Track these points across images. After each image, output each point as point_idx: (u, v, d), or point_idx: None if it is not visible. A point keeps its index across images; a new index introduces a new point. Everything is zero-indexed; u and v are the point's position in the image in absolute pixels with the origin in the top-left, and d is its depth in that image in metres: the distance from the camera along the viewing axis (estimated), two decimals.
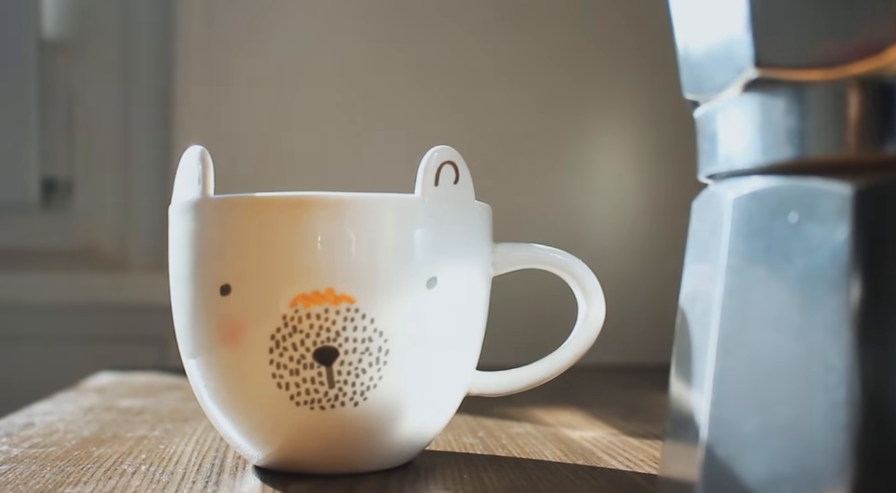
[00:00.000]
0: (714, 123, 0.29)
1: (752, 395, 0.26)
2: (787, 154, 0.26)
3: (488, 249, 0.36)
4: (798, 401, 0.25)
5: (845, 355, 0.24)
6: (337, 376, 0.32)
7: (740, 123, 0.27)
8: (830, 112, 0.25)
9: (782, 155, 0.26)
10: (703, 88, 0.29)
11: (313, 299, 0.31)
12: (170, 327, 0.35)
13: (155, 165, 0.87)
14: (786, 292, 0.26)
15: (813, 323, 0.25)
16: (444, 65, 0.84)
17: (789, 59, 0.26)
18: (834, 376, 0.24)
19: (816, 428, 0.24)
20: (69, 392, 0.56)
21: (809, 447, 0.24)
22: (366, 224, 0.32)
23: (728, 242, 0.27)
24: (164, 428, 0.44)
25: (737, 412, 0.26)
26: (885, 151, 0.24)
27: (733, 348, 0.27)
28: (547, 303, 0.67)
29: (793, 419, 0.25)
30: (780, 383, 0.25)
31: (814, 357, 0.25)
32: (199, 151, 0.34)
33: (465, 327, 0.35)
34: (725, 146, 0.28)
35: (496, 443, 0.41)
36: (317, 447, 0.33)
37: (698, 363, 0.28)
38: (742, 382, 0.26)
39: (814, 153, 0.25)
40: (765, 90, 0.26)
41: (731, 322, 0.27)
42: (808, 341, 0.25)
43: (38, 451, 0.38)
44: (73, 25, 0.88)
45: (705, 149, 0.30)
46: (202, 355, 0.34)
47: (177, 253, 0.34)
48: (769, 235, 0.26)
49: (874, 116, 0.25)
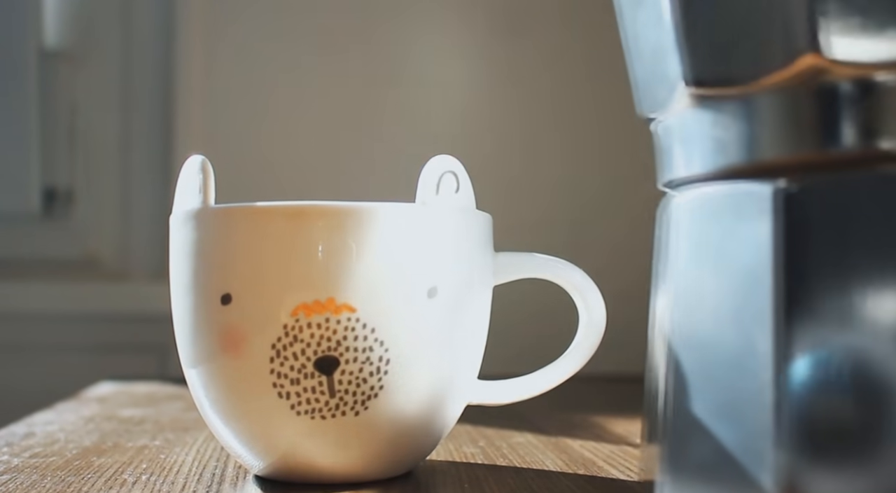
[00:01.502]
0: (664, 136, 0.32)
1: (701, 384, 0.29)
2: (720, 162, 0.29)
3: (489, 258, 0.36)
4: (736, 386, 0.27)
5: (770, 340, 0.26)
6: (338, 386, 0.32)
7: (685, 134, 0.30)
8: (764, 120, 0.28)
9: (720, 163, 0.29)
10: (649, 105, 0.32)
11: (314, 308, 0.31)
12: (171, 336, 0.35)
13: (156, 175, 0.87)
14: (723, 289, 0.28)
15: (744, 314, 0.27)
16: (445, 72, 0.84)
17: (714, 77, 0.28)
18: (761, 360, 0.27)
19: (751, 410, 0.27)
20: (70, 402, 0.56)
21: (747, 428, 0.27)
22: (366, 234, 0.32)
23: (675, 244, 0.30)
24: (164, 438, 0.44)
25: (689, 403, 0.29)
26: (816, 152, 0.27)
27: (684, 343, 0.30)
28: (548, 313, 0.67)
29: (732, 402, 0.27)
30: (721, 372, 0.28)
31: (746, 345, 0.27)
32: (199, 160, 0.34)
33: (465, 337, 0.35)
34: (676, 157, 0.31)
35: (497, 453, 0.41)
36: (318, 456, 0.33)
37: (658, 360, 0.31)
38: (693, 374, 0.29)
39: (747, 159, 0.28)
40: (701, 105, 0.29)
41: (682, 318, 0.30)
42: (742, 332, 0.27)
43: (39, 461, 0.38)
44: (75, 35, 0.88)
45: (660, 160, 0.32)
46: (203, 365, 0.34)
47: (177, 262, 0.34)
48: (708, 236, 0.29)
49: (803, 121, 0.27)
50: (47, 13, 0.88)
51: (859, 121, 0.26)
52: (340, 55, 0.84)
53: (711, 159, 0.29)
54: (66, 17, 0.88)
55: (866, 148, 0.26)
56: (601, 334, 0.37)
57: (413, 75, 0.84)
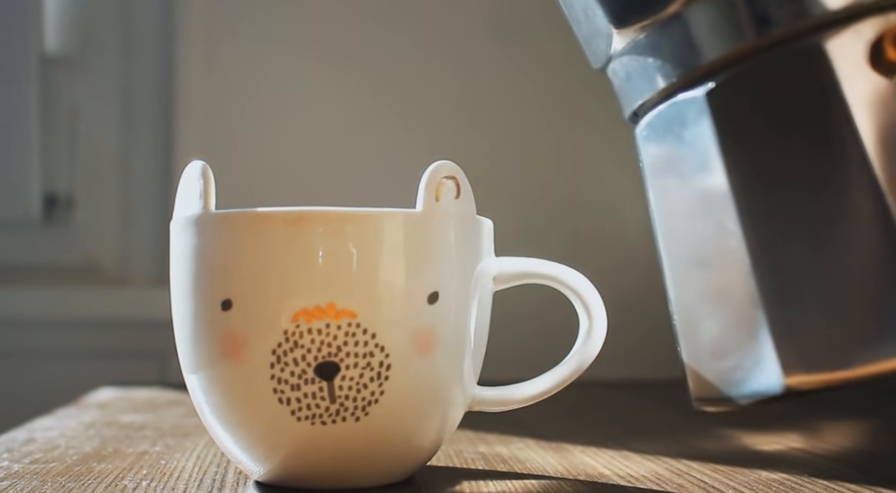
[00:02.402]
0: (615, 78, 0.36)
1: (693, 275, 0.34)
2: (662, 84, 0.33)
3: (490, 263, 0.36)
4: (719, 265, 0.32)
5: (736, 219, 0.31)
6: (338, 391, 0.32)
7: (629, 71, 0.35)
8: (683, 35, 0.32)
9: (662, 84, 0.33)
10: (597, 58, 0.37)
11: (314, 314, 0.31)
12: (171, 342, 0.35)
13: (156, 181, 0.87)
14: (688, 189, 0.33)
15: (710, 204, 0.32)
16: (445, 78, 0.84)
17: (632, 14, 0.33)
18: (733, 236, 0.31)
19: (737, 281, 0.31)
20: (70, 408, 0.56)
21: (738, 297, 0.31)
22: (367, 239, 0.32)
23: (646, 167, 0.35)
24: (165, 444, 0.44)
25: (689, 294, 0.34)
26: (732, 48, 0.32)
27: (672, 247, 0.34)
28: (548, 318, 0.67)
29: (721, 280, 0.32)
30: (707, 257, 0.33)
31: (719, 229, 0.32)
32: (200, 166, 0.34)
33: (466, 342, 0.35)
34: (628, 93, 0.36)
35: (497, 458, 0.41)
36: (318, 462, 0.33)
37: (664, 273, 0.36)
38: (686, 269, 0.34)
39: (682, 73, 0.33)
40: (634, 42, 0.34)
41: (664, 226, 0.34)
42: (712, 218, 0.32)
43: (40, 466, 0.38)
44: (75, 41, 0.88)
45: (620, 100, 0.37)
46: (203, 371, 0.34)
47: (178, 268, 0.34)
48: (666, 149, 0.34)
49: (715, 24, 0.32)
50: (48, 18, 0.88)
51: (756, 12, 0.31)
52: (341, 60, 0.84)
53: (653, 84, 0.34)
54: (66, 22, 0.88)
55: (770, 35, 0.31)
56: (602, 340, 0.37)
57: (414, 80, 0.84)
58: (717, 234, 0.32)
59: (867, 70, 0.30)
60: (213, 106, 0.84)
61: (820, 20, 0.30)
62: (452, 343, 0.34)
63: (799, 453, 0.42)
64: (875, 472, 0.38)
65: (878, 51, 0.30)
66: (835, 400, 0.60)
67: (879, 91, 0.30)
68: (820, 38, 0.30)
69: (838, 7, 0.30)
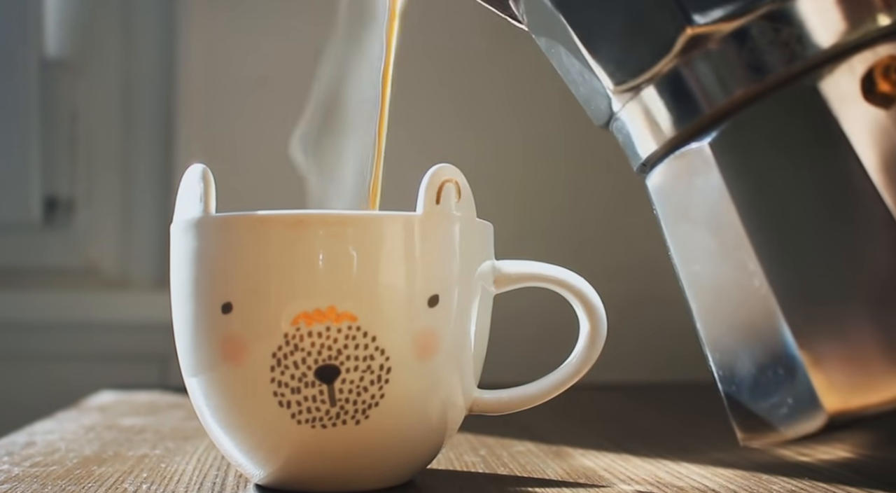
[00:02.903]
0: (619, 134, 0.38)
1: (721, 317, 0.35)
2: (666, 136, 0.35)
3: (490, 266, 0.36)
4: (744, 305, 0.33)
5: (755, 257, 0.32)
6: (338, 395, 0.32)
7: (632, 127, 0.36)
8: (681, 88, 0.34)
9: (665, 137, 0.35)
10: (598, 116, 0.38)
11: (315, 317, 0.31)
12: (171, 345, 0.35)
13: (156, 184, 0.87)
14: (704, 235, 0.34)
15: (728, 247, 0.33)
16: (445, 81, 0.84)
17: (627, 74, 0.34)
18: (755, 276, 0.32)
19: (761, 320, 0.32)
20: (70, 411, 0.56)
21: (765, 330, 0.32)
22: (367, 242, 0.32)
23: (661, 216, 0.36)
24: (165, 447, 0.44)
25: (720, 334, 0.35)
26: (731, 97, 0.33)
27: (697, 291, 0.35)
28: (549, 321, 0.67)
29: (746, 320, 0.33)
30: (732, 299, 0.33)
31: (739, 268, 0.33)
32: (200, 169, 0.34)
33: (466, 346, 0.35)
34: (633, 146, 0.37)
35: (498, 462, 0.41)
36: (318, 465, 0.33)
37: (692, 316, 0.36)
38: (712, 311, 0.35)
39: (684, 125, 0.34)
40: (632, 99, 0.35)
41: (686, 273, 0.36)
42: (732, 260, 0.33)
43: (40, 470, 0.38)
44: (76, 44, 0.88)
45: (626, 153, 0.38)
46: (203, 374, 0.34)
47: (178, 271, 0.34)
48: (678, 198, 0.35)
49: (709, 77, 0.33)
50: (48, 22, 0.88)
51: (750, 61, 0.32)
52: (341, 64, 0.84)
53: (658, 137, 0.35)
54: (66, 25, 0.88)
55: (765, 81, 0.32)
56: (602, 343, 0.37)
57: (414, 82, 0.84)
58: (740, 275, 0.33)
59: (863, 103, 0.31)
60: (213, 109, 0.84)
61: (812, 61, 0.32)
62: (453, 346, 0.34)
63: (799, 456, 0.42)
64: (876, 477, 0.38)
65: (870, 83, 0.31)
66: None
67: (878, 121, 0.31)
68: (814, 78, 0.32)
69: (828, 46, 0.31)
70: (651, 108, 0.35)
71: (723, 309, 0.34)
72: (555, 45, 0.37)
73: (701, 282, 0.35)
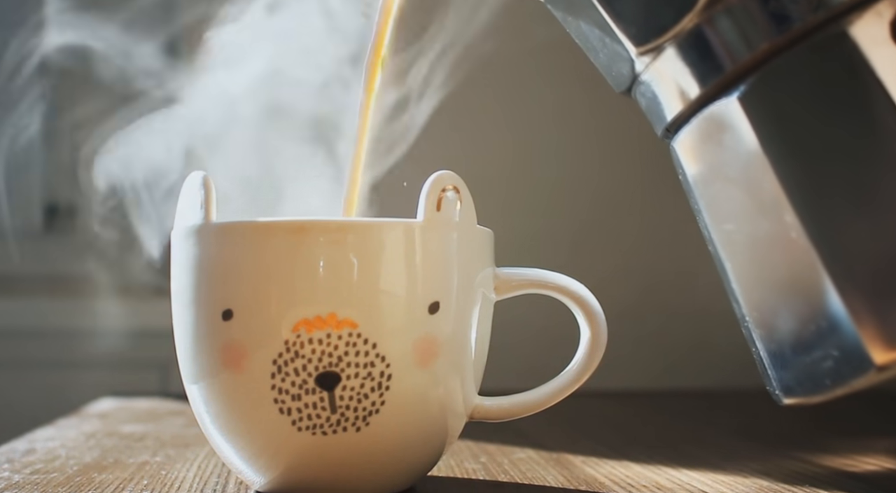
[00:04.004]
0: (642, 98, 0.37)
1: (761, 275, 0.34)
2: (692, 95, 0.34)
3: (490, 273, 0.36)
4: (782, 260, 0.32)
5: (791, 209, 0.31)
6: (339, 402, 0.32)
7: (655, 88, 0.36)
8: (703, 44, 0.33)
9: (691, 96, 0.34)
10: (620, 81, 0.37)
11: (315, 324, 0.31)
12: (172, 352, 0.35)
13: None
14: (739, 193, 0.33)
15: (763, 201, 0.32)
16: None
17: (649, 34, 0.34)
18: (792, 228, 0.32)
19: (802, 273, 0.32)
20: (71, 418, 0.56)
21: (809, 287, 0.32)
22: (368, 249, 0.32)
23: (690, 178, 0.35)
24: (165, 454, 0.44)
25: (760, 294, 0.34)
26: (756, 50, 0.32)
27: (732, 252, 0.35)
28: (549, 328, 0.67)
29: (785, 275, 0.33)
30: (769, 255, 0.33)
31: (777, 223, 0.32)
32: (201, 176, 0.34)
33: (467, 352, 0.35)
34: (657, 109, 0.36)
35: (498, 469, 0.41)
36: (319, 472, 0.33)
37: (728, 283, 0.35)
38: (752, 272, 0.34)
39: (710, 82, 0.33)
40: (655, 61, 0.35)
41: (720, 230, 0.35)
42: (769, 215, 0.32)
43: (40, 477, 0.38)
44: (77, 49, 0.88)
45: (650, 118, 0.37)
46: (204, 381, 0.34)
47: (179, 278, 0.34)
48: (709, 157, 0.34)
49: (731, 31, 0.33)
50: None
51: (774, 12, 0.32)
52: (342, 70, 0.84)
53: (684, 97, 0.34)
54: None
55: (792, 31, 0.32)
56: (603, 350, 0.37)
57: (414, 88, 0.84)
58: (777, 229, 0.32)
59: (893, 46, 0.31)
60: None
61: (838, 10, 0.31)
62: (453, 353, 0.34)
63: (800, 463, 0.42)
64: (877, 484, 0.38)
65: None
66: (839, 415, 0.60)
67: None
68: (842, 25, 0.31)
69: None
70: (675, 68, 0.34)
71: (760, 266, 0.34)
72: (573, 12, 0.37)
73: (736, 241, 0.34)
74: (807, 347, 0.33)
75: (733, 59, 0.33)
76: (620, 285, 0.81)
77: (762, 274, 0.34)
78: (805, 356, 0.33)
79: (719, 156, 0.34)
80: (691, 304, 0.80)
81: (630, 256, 0.83)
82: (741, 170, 0.33)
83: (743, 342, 0.36)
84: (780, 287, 0.33)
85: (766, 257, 0.33)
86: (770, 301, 0.34)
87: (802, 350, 0.33)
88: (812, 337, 0.32)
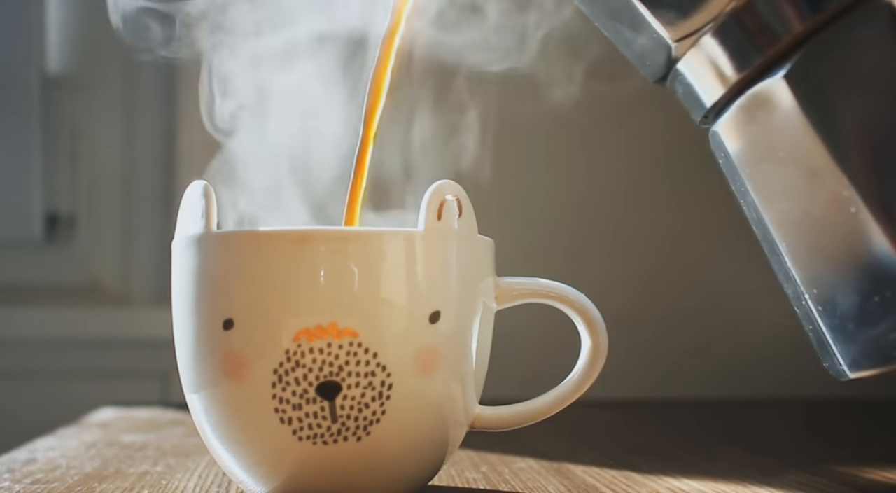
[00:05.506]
0: (679, 85, 0.37)
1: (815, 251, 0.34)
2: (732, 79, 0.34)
3: (491, 283, 0.36)
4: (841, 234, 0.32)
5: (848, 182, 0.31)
6: (340, 411, 0.32)
7: (694, 73, 0.35)
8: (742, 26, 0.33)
9: (731, 80, 0.34)
10: (656, 70, 0.37)
11: (316, 333, 0.31)
12: (172, 361, 0.35)
13: (158, 200, 0.87)
14: (788, 172, 0.33)
15: (817, 178, 0.32)
16: None
17: (686, 19, 0.34)
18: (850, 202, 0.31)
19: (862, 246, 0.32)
20: (71, 428, 0.56)
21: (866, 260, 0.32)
22: (369, 259, 0.32)
23: (736, 160, 0.35)
24: (166, 463, 0.44)
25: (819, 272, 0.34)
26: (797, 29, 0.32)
27: (785, 228, 0.34)
28: (550, 337, 0.67)
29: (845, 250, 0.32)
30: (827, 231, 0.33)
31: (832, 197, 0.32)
32: (202, 185, 0.34)
33: (468, 362, 0.35)
34: (696, 95, 0.36)
35: (499, 478, 0.41)
36: (320, 481, 0.33)
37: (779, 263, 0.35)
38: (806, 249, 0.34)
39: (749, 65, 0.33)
40: (693, 47, 0.35)
41: (772, 210, 0.34)
42: (822, 190, 0.32)
43: (41, 487, 0.38)
44: (77, 62, 0.88)
45: (688, 105, 0.37)
46: (205, 390, 0.34)
47: (180, 288, 0.34)
48: (756, 138, 0.34)
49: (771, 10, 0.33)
50: (50, 39, 0.88)
51: None
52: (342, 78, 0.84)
53: (724, 81, 0.34)
54: (68, 43, 0.88)
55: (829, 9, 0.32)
56: (604, 359, 0.37)
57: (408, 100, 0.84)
58: (834, 204, 0.32)
59: None
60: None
61: None
62: (454, 362, 0.34)
63: (798, 473, 0.42)
64: None
65: None
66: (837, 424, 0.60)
67: None
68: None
69: None
70: (713, 53, 0.34)
71: (818, 242, 0.34)
72: (604, 4, 0.37)
73: (790, 220, 0.34)
74: (872, 319, 0.32)
75: (774, 40, 0.33)
76: (623, 292, 0.81)
77: (821, 250, 0.34)
78: (871, 329, 0.32)
79: (767, 136, 0.34)
80: (688, 311, 0.80)
81: (632, 262, 0.83)
82: (791, 148, 0.33)
83: (735, 349, 0.36)
84: (840, 262, 0.33)
85: (824, 233, 0.33)
86: (830, 277, 0.34)
87: (868, 323, 0.33)
88: (877, 309, 0.32)
